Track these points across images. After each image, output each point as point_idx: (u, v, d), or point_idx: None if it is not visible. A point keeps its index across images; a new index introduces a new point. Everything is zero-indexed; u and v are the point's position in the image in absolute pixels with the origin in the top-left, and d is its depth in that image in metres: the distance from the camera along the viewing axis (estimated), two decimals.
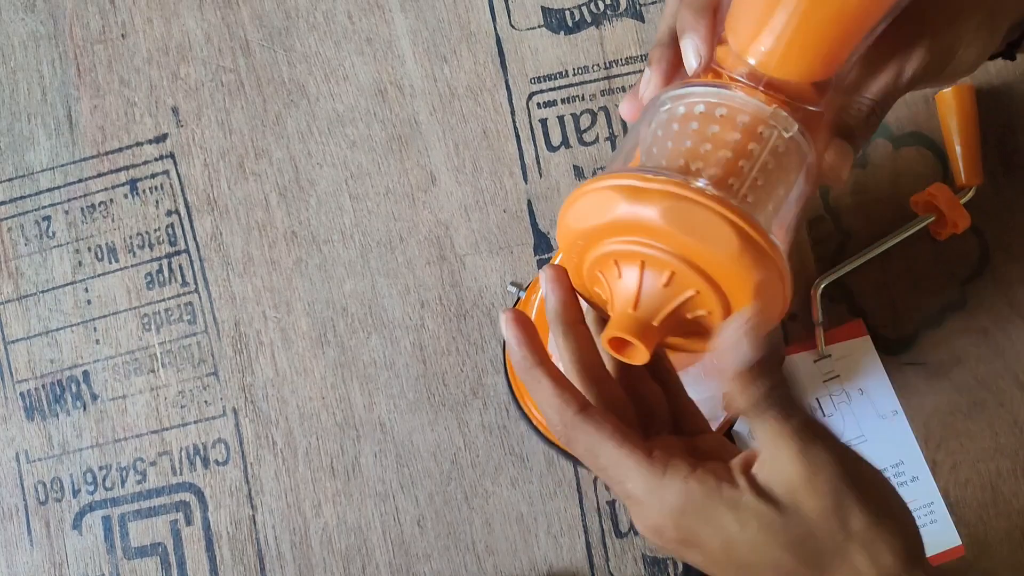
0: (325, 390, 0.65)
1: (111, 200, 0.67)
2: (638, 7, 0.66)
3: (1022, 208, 0.64)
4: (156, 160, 0.67)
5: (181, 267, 0.66)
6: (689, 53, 0.38)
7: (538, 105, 0.66)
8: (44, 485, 0.65)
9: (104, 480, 0.65)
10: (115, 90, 0.68)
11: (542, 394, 0.36)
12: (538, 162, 0.66)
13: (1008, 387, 0.63)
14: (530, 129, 0.66)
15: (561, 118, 0.66)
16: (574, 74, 0.66)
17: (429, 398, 0.64)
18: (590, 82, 0.66)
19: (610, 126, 0.66)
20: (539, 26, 0.67)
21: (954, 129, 0.62)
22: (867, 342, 0.63)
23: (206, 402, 0.65)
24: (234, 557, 0.64)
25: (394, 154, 0.66)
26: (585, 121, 0.66)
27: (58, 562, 0.64)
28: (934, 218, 0.62)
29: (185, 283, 0.66)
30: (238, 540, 0.64)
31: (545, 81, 0.66)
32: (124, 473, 0.65)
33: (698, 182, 0.33)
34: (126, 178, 0.67)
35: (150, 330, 0.66)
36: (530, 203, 0.65)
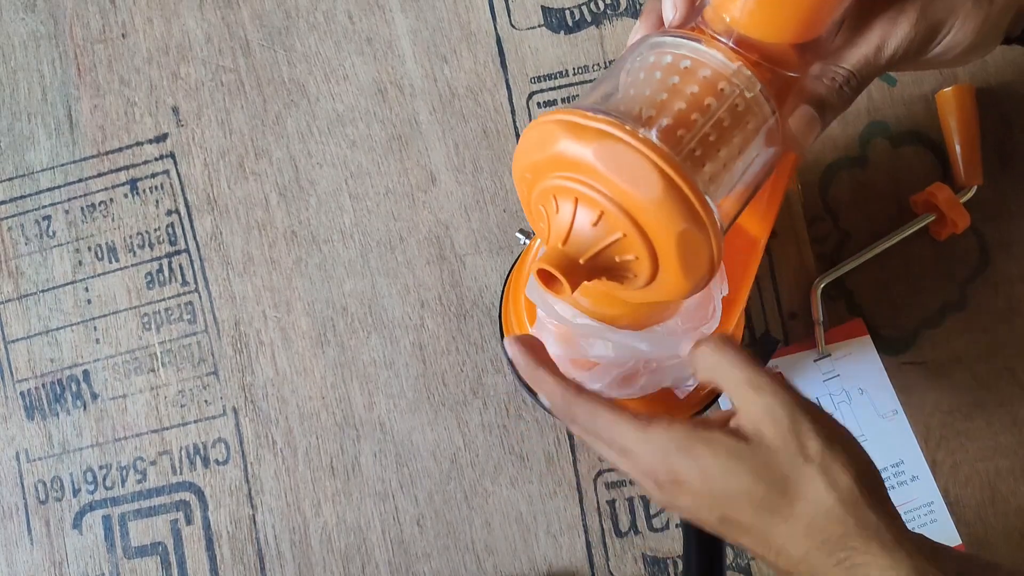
0: (325, 390, 0.65)
1: (111, 200, 0.67)
2: (638, 6, 0.66)
3: (1022, 208, 0.64)
4: (156, 160, 0.67)
5: (181, 267, 0.66)
6: (667, 5, 0.39)
7: (538, 105, 0.66)
8: (44, 484, 0.65)
9: (104, 479, 0.65)
10: (115, 90, 0.68)
11: (546, 386, 0.41)
12: None
13: (1008, 387, 0.63)
14: None
15: None
16: (574, 73, 0.66)
17: (429, 398, 0.64)
18: (590, 81, 0.66)
19: None
20: (539, 25, 0.67)
21: (954, 128, 0.62)
22: (867, 341, 0.63)
23: (206, 401, 0.65)
24: (234, 556, 0.64)
25: (394, 154, 0.66)
26: None
27: (58, 561, 0.64)
28: (934, 217, 0.62)
29: (185, 283, 0.66)
30: (238, 539, 0.64)
31: (545, 81, 0.66)
32: (124, 472, 0.65)
33: (643, 129, 0.33)
34: (126, 178, 0.67)
35: (150, 329, 0.66)
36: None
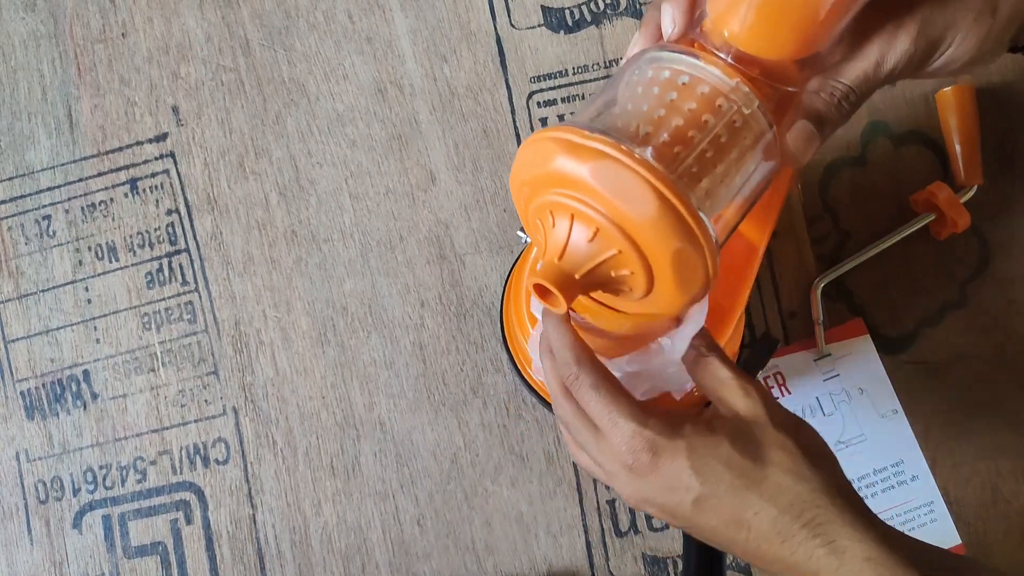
0: (325, 389, 0.65)
1: (111, 199, 0.67)
2: (638, 6, 0.66)
3: (1022, 208, 0.64)
4: (156, 159, 0.67)
5: (181, 266, 0.66)
6: (666, 19, 0.39)
7: (538, 104, 0.66)
8: (44, 484, 0.65)
9: (104, 479, 0.65)
10: (115, 89, 0.68)
11: (565, 338, 0.41)
12: None
13: (1008, 386, 0.63)
14: (530, 128, 0.66)
15: (561, 117, 0.66)
16: (574, 73, 0.66)
17: (429, 397, 0.64)
18: (590, 81, 0.66)
19: None
20: (539, 25, 0.67)
21: (954, 128, 0.62)
22: (867, 341, 0.63)
23: (206, 401, 0.65)
24: (234, 556, 0.64)
25: (394, 153, 0.66)
26: None
27: (58, 561, 0.64)
28: (934, 217, 0.62)
29: (185, 282, 0.66)
30: (238, 539, 0.64)
31: (545, 80, 0.66)
32: (124, 472, 0.65)
33: (639, 147, 0.34)
34: (126, 177, 0.67)
35: (150, 329, 0.66)
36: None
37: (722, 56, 0.37)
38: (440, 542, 0.63)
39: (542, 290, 0.36)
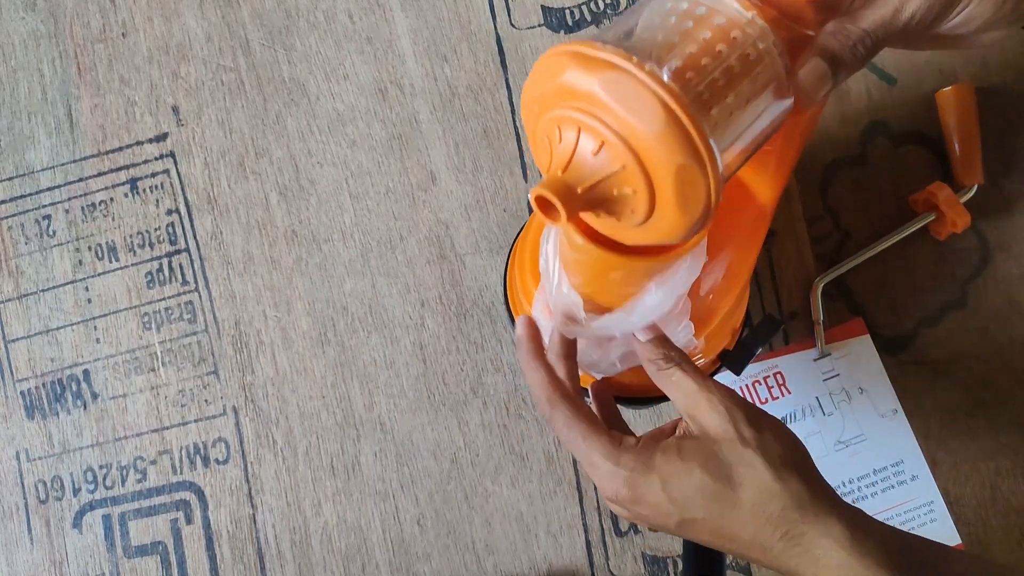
0: (325, 389, 0.65)
1: (111, 199, 0.67)
2: None
3: (1022, 208, 0.64)
4: (156, 159, 0.67)
5: (181, 266, 0.66)
6: None
7: None
8: (44, 484, 0.65)
9: (104, 479, 0.65)
10: (115, 89, 0.68)
11: (537, 378, 0.45)
12: None
13: (1008, 386, 0.63)
14: None
15: None
16: None
17: (429, 397, 0.64)
18: None
19: None
20: (539, 25, 0.67)
21: (954, 128, 0.62)
22: (867, 341, 0.63)
23: (206, 401, 0.65)
24: (234, 556, 0.64)
25: (394, 153, 0.66)
26: None
27: (58, 561, 0.64)
28: (934, 217, 0.62)
29: (185, 282, 0.66)
30: (238, 539, 0.64)
31: None
32: (124, 472, 0.65)
33: (651, 63, 0.34)
34: (126, 177, 0.67)
35: (150, 329, 0.66)
36: (530, 203, 0.65)
37: None
38: (440, 542, 0.63)
39: (544, 203, 0.36)
